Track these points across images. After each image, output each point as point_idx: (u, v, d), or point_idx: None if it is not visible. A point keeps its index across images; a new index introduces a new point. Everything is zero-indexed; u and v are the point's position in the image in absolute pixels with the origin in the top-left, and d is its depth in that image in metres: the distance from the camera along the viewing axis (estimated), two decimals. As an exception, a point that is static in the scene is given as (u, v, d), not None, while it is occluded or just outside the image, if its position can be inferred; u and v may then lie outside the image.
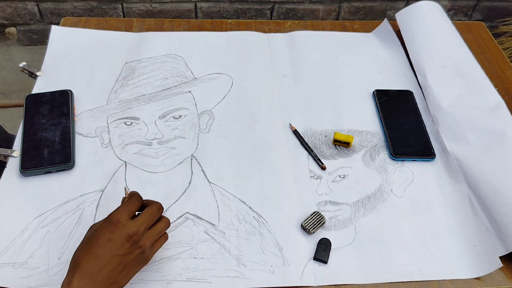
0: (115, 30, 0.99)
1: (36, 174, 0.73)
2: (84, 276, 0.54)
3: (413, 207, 0.73)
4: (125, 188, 0.66)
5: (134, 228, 0.57)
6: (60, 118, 0.80)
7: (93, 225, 0.60)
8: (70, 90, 0.84)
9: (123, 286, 0.58)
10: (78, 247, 0.57)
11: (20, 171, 0.72)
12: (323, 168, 0.77)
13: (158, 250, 0.63)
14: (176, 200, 0.72)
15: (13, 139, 0.78)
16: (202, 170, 0.76)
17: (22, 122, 0.79)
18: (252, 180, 0.75)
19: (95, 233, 0.57)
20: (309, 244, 0.68)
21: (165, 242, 0.63)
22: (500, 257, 0.66)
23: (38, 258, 0.65)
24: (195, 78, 0.90)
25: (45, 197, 0.71)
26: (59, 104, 0.82)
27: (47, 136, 0.77)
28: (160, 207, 0.61)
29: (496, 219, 0.70)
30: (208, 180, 0.75)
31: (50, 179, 0.73)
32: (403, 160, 0.79)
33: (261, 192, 0.74)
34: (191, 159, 0.78)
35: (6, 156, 0.75)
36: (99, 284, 0.55)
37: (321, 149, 0.80)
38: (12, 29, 1.86)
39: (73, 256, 0.56)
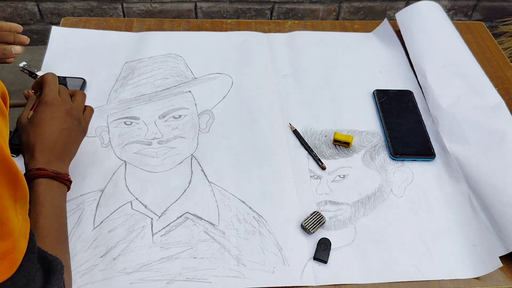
0: (115, 30, 0.99)
1: None
2: (44, 151, 0.61)
3: (413, 207, 0.73)
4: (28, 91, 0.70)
5: (68, 104, 0.66)
6: None
7: (20, 116, 0.65)
8: (83, 79, 0.86)
9: (73, 157, 0.67)
10: (23, 136, 0.63)
11: None
12: (323, 168, 0.77)
13: (158, 250, 0.64)
14: (176, 200, 0.72)
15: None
16: (202, 170, 0.76)
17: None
18: (252, 180, 0.75)
19: (37, 117, 0.63)
20: (309, 244, 0.68)
21: (92, 111, 0.73)
22: (500, 257, 0.66)
23: (38, 258, 0.65)
24: (195, 78, 0.90)
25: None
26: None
27: None
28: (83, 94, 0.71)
29: (496, 219, 0.70)
30: (208, 180, 0.75)
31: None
32: (403, 160, 0.79)
33: (261, 192, 0.74)
34: (191, 159, 0.77)
35: None
36: (58, 155, 0.62)
37: (321, 149, 0.80)
38: (12, 29, 1.86)
39: (24, 144, 0.62)
